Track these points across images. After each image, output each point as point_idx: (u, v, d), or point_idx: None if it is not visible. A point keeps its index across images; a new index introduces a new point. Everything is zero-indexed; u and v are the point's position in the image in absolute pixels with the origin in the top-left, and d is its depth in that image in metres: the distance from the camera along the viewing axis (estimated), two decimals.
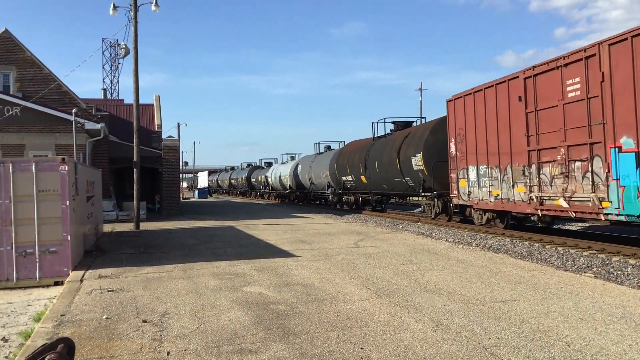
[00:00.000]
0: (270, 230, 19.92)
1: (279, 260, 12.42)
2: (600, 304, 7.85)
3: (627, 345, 5.97)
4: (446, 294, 8.66)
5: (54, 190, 11.48)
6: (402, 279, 9.98)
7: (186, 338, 6.51)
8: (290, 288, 9.32)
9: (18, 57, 28.54)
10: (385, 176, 25.30)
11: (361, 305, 8.00)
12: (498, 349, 5.91)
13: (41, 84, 28.19)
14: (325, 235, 17.81)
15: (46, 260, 11.41)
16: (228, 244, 15.96)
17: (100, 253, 14.41)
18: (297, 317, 7.38)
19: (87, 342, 6.42)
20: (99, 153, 28.36)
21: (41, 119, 24.05)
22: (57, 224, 11.47)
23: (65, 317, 7.63)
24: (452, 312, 7.48)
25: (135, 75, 22.97)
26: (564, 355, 5.65)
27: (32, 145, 23.91)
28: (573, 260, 12.13)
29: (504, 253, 13.41)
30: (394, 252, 13.56)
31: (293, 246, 15.05)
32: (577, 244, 13.98)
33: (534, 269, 10.92)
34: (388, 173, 24.82)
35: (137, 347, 6.21)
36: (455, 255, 12.92)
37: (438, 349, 5.94)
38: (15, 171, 11.31)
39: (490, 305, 7.87)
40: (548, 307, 7.70)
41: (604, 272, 10.75)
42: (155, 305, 8.27)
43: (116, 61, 69.62)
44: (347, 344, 6.14)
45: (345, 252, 13.75)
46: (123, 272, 11.33)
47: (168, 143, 31.67)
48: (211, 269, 11.43)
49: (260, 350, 6.01)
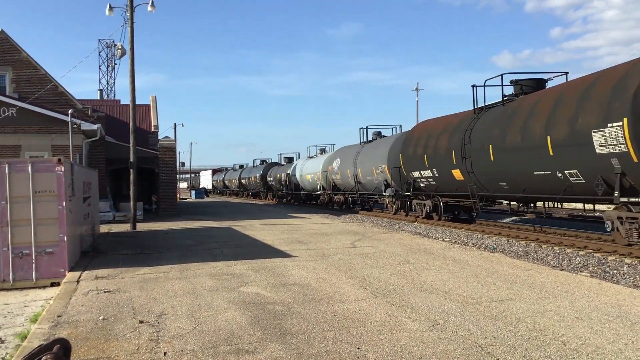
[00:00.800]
0: (267, 231, 19.92)
1: (276, 261, 12.42)
2: (596, 303, 7.88)
3: (623, 344, 6.00)
4: (443, 293, 8.67)
5: (50, 191, 11.46)
6: (399, 278, 9.99)
7: (183, 339, 6.51)
8: (287, 288, 9.33)
9: (14, 58, 28.50)
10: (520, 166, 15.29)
11: (358, 305, 8.01)
12: (494, 348, 5.93)
13: (37, 84, 28.15)
14: (322, 236, 17.82)
15: (43, 261, 11.39)
16: (225, 244, 15.95)
17: (97, 254, 14.38)
18: (293, 317, 7.39)
19: (83, 342, 6.42)
20: (95, 154, 28.32)
21: (37, 120, 24.02)
22: (53, 225, 11.45)
23: (62, 318, 7.62)
24: (449, 312, 7.49)
25: (131, 75, 22.95)
26: (560, 355, 5.67)
27: (29, 146, 23.87)
28: (569, 259, 12.18)
29: (501, 252, 13.45)
30: (391, 252, 13.58)
31: (290, 246, 15.06)
32: (574, 244, 14.03)
33: (530, 268, 10.95)
34: (531, 160, 14.74)
35: (134, 347, 6.21)
36: (452, 254, 12.94)
37: (434, 348, 5.95)
38: (11, 172, 11.29)
39: (487, 304, 7.89)
40: (544, 306, 7.73)
41: (600, 271, 10.79)
42: (152, 306, 8.26)
43: (112, 62, 69.62)
44: (343, 344, 6.15)
45: (342, 252, 13.77)
46: (120, 272, 11.32)
47: (165, 144, 31.62)
48: (208, 270, 11.42)
49: (257, 350, 6.01)
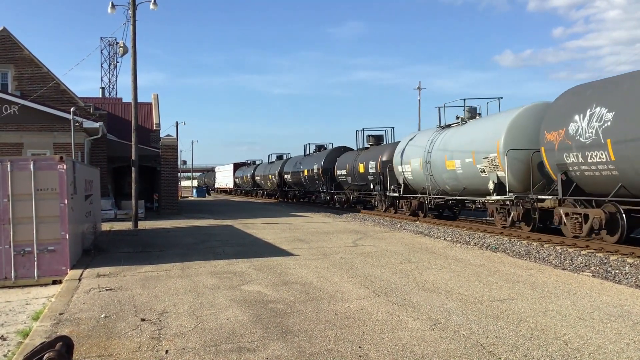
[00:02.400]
0: (269, 229, 19.92)
1: (278, 259, 12.42)
2: (598, 302, 7.87)
3: (625, 343, 5.99)
4: (444, 292, 8.67)
5: (52, 189, 11.46)
6: (401, 277, 9.99)
7: (184, 337, 6.51)
8: (288, 287, 9.33)
9: (16, 56, 28.50)
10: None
11: (359, 304, 8.00)
12: (496, 347, 5.92)
13: (39, 82, 28.17)
14: (324, 234, 17.82)
15: (44, 259, 11.40)
16: (226, 243, 15.96)
17: (99, 252, 14.40)
18: (295, 315, 7.39)
19: (85, 340, 6.43)
20: (97, 152, 28.34)
21: (39, 118, 24.04)
22: (55, 223, 11.46)
23: (64, 316, 7.63)
24: (450, 311, 7.49)
25: (133, 73, 22.95)
26: (561, 354, 5.67)
27: (30, 143, 23.90)
28: (571, 259, 12.16)
29: (502, 252, 13.44)
30: (392, 251, 13.58)
31: (291, 245, 15.06)
32: (575, 243, 14.01)
33: (532, 267, 10.93)
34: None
35: (136, 345, 6.22)
36: (454, 254, 12.93)
37: (436, 347, 5.95)
38: (13, 170, 11.30)
39: (488, 304, 7.89)
40: (546, 305, 7.72)
41: (602, 271, 10.78)
42: (154, 304, 8.27)
43: (114, 60, 69.42)
44: (345, 343, 6.15)
45: (343, 250, 13.76)
46: (121, 270, 11.33)
47: (166, 142, 31.63)
48: (209, 268, 11.43)
49: (259, 348, 6.01)
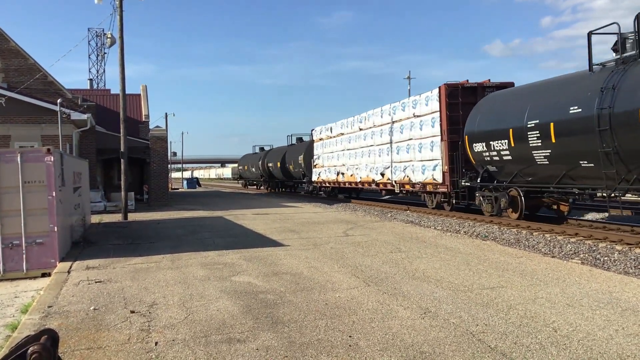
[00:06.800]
0: (259, 220, 19.88)
1: (268, 250, 12.40)
2: (587, 289, 7.92)
3: (614, 330, 6.03)
4: (434, 281, 8.69)
5: (40, 182, 11.36)
6: (391, 267, 10.00)
7: (174, 328, 6.48)
8: (279, 277, 9.31)
9: (2, 47, 28.19)
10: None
11: (350, 293, 8.01)
12: (485, 335, 5.94)
13: (26, 74, 27.89)
14: (314, 225, 17.80)
15: (33, 252, 11.31)
16: (217, 234, 15.91)
17: (88, 244, 14.30)
18: (285, 306, 7.37)
19: (74, 333, 6.38)
20: (86, 144, 28.12)
21: (27, 110, 23.79)
22: (43, 216, 11.36)
23: (53, 309, 7.57)
24: (440, 299, 7.51)
25: (121, 64, 22.72)
26: (551, 341, 5.70)
27: (18, 136, 23.67)
28: (560, 246, 12.23)
29: (492, 240, 13.49)
30: (383, 240, 13.59)
31: (282, 235, 15.03)
32: (565, 231, 14.09)
33: (522, 255, 10.99)
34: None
35: (125, 337, 6.18)
36: (444, 243, 12.97)
37: (426, 335, 5.96)
38: (0, 162, 11.18)
39: (478, 292, 7.92)
40: (535, 293, 7.75)
41: (591, 258, 10.85)
42: (144, 295, 8.23)
43: (102, 51, 68.80)
44: (335, 332, 6.15)
45: (334, 240, 13.76)
46: (111, 263, 11.27)
47: (156, 133, 31.42)
48: (200, 259, 11.39)
49: (249, 339, 6.00)
